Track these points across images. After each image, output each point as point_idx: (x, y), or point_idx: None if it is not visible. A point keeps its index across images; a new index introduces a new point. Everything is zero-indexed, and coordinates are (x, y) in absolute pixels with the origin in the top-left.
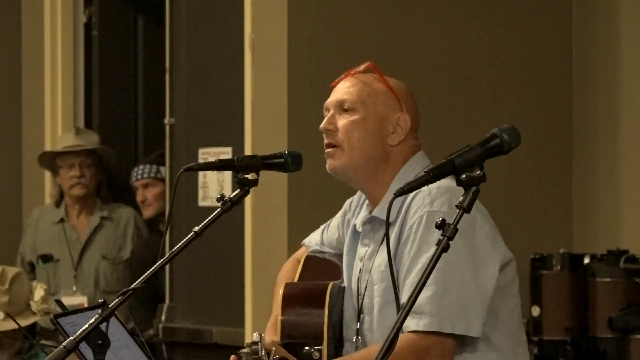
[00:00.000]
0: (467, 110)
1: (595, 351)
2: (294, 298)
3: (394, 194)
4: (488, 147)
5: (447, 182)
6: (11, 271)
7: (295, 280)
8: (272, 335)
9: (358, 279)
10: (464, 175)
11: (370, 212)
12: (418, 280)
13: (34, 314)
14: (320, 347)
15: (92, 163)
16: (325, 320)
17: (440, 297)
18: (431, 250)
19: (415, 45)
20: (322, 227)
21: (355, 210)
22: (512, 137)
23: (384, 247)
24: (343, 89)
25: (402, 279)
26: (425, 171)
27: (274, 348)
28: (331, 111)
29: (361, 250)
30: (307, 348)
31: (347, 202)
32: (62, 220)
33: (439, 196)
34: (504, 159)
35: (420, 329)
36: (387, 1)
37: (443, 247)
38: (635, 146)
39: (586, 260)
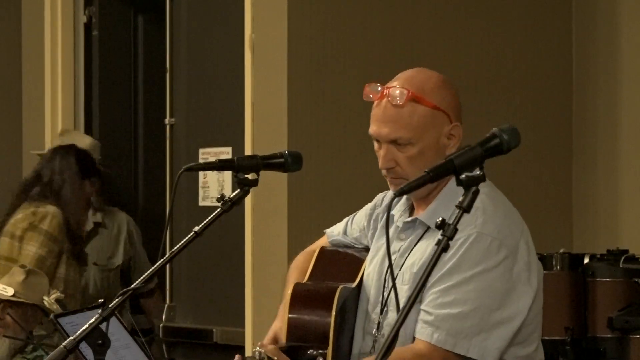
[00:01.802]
0: (467, 110)
1: (595, 351)
2: (302, 298)
3: (394, 193)
4: (488, 147)
5: (505, 206)
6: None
7: (307, 274)
8: (279, 323)
9: (387, 271)
10: (463, 175)
11: (412, 206)
12: (419, 280)
13: (44, 312)
14: (324, 351)
15: None
16: (332, 324)
17: (463, 319)
18: (468, 272)
19: (415, 46)
20: (346, 219)
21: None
22: (512, 137)
23: (417, 248)
24: (389, 123)
25: (428, 284)
26: (425, 171)
27: (275, 358)
28: (383, 146)
29: (396, 244)
30: (310, 351)
31: (379, 196)
32: None
33: (494, 220)
34: (504, 158)
35: (433, 342)
36: (387, 1)
37: (443, 247)
38: (635, 146)
39: (586, 260)
